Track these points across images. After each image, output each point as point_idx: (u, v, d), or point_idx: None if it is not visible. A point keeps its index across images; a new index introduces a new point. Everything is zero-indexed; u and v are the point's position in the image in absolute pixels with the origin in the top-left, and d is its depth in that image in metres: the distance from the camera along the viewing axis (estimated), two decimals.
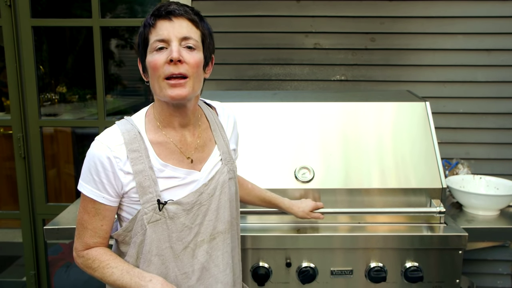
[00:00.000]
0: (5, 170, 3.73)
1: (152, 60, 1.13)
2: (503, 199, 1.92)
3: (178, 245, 1.20)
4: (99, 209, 1.17)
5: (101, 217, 1.18)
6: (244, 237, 1.61)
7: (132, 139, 1.16)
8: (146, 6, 4.07)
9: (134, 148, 1.16)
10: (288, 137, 1.86)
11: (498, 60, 2.51)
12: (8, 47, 2.66)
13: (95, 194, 1.16)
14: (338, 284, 1.66)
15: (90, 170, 1.15)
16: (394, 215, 1.75)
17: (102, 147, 1.15)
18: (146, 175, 1.15)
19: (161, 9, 1.13)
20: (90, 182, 1.16)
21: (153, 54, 1.13)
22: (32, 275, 2.89)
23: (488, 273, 2.67)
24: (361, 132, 1.88)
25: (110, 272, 1.16)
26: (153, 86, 1.16)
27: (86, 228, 1.19)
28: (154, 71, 1.13)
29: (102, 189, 1.15)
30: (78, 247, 1.21)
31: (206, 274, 1.25)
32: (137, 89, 4.82)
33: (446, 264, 1.65)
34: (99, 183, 1.15)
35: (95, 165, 1.14)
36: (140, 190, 1.15)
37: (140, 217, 1.17)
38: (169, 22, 1.12)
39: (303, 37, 2.55)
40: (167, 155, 1.20)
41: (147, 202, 1.16)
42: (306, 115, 1.91)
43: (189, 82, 1.14)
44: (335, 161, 1.81)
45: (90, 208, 1.18)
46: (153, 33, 1.13)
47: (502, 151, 2.58)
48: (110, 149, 1.14)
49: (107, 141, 1.15)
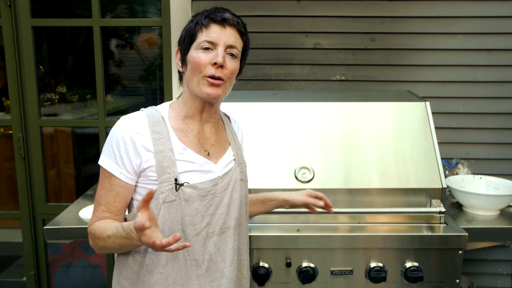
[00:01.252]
0: (5, 170, 3.73)
1: (197, 57, 1.21)
2: (503, 199, 1.92)
3: (191, 229, 1.24)
4: (114, 185, 1.22)
5: (115, 193, 1.23)
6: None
7: (156, 122, 1.24)
8: (146, 6, 4.07)
9: (157, 130, 1.22)
10: (288, 137, 1.86)
11: (498, 60, 2.51)
12: (8, 47, 2.67)
13: (114, 168, 1.21)
14: (338, 284, 1.66)
15: (112, 144, 1.21)
16: (394, 215, 1.75)
17: (125, 123, 1.22)
18: (166, 156, 1.21)
19: (218, 14, 1.22)
20: (111, 156, 1.21)
21: (199, 51, 1.21)
22: (32, 275, 2.89)
23: (488, 273, 2.67)
24: (361, 132, 1.88)
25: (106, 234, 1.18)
26: (190, 79, 1.24)
27: (100, 204, 1.24)
28: (197, 67, 1.21)
29: (121, 164, 1.20)
30: (90, 222, 1.26)
31: (213, 267, 1.29)
32: (137, 89, 4.82)
33: (446, 264, 1.65)
34: (119, 158, 1.20)
35: (117, 139, 1.20)
36: (159, 169, 1.20)
37: (156, 196, 1.20)
38: (222, 28, 1.21)
39: (303, 37, 2.55)
40: (186, 142, 1.27)
41: (165, 182, 1.20)
42: (306, 115, 1.91)
43: (224, 86, 1.23)
44: (335, 161, 1.81)
45: (106, 184, 1.23)
46: (204, 33, 1.21)
47: (502, 151, 2.58)
48: (133, 126, 1.21)
49: (131, 119, 1.23)
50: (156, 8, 3.51)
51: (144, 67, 4.62)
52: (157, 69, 4.25)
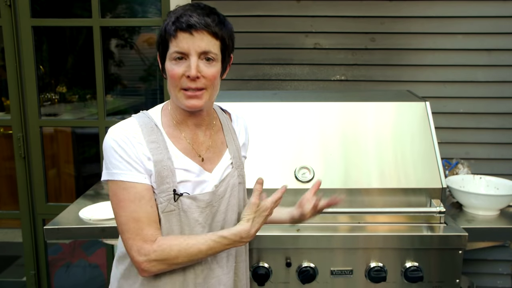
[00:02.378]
0: (5, 170, 3.73)
1: (171, 70, 1.14)
2: (503, 199, 1.92)
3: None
4: (141, 192, 1.14)
5: (148, 199, 1.14)
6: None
7: (150, 131, 1.18)
8: (146, 6, 4.07)
9: (152, 140, 1.17)
10: (288, 137, 1.86)
11: (498, 60, 2.51)
12: (8, 47, 2.66)
13: (135, 176, 1.13)
14: (338, 284, 1.66)
15: (113, 155, 1.13)
16: (394, 215, 1.75)
17: (117, 130, 1.15)
18: (165, 165, 1.16)
19: (182, 20, 1.10)
20: (116, 167, 1.13)
21: (172, 63, 1.14)
22: (32, 275, 2.89)
23: (488, 273, 2.67)
24: (361, 132, 1.87)
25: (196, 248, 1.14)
26: (170, 90, 1.18)
27: (139, 220, 1.13)
28: (171, 80, 1.15)
29: (133, 169, 1.13)
30: (144, 246, 1.13)
31: (210, 274, 1.27)
32: (137, 89, 4.82)
33: (446, 264, 1.65)
34: (126, 163, 1.13)
35: (115, 148, 1.13)
36: (158, 179, 1.16)
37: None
38: (190, 35, 1.11)
39: (303, 37, 2.55)
40: (181, 149, 1.22)
41: (163, 192, 1.16)
42: (306, 115, 1.91)
43: (206, 94, 1.16)
44: (335, 161, 1.81)
45: (133, 195, 1.13)
46: (173, 43, 1.12)
47: (502, 151, 2.58)
48: (130, 134, 1.15)
49: (125, 127, 1.16)
50: (156, 8, 3.50)
51: (144, 67, 4.61)
52: (157, 69, 4.24)
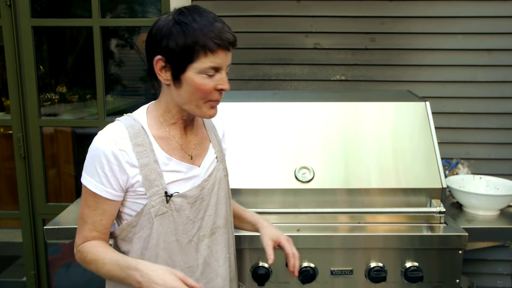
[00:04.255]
0: (5, 170, 3.74)
1: (203, 84, 1.13)
2: (503, 199, 1.92)
3: (184, 238, 1.23)
4: (99, 203, 1.17)
5: (101, 211, 1.18)
6: (244, 237, 1.61)
7: (136, 134, 1.17)
8: (146, 6, 4.07)
9: (139, 142, 1.17)
10: (288, 137, 1.86)
11: (498, 60, 2.51)
12: (8, 47, 2.66)
13: (98, 188, 1.16)
14: (338, 284, 1.66)
15: (94, 164, 1.15)
16: (394, 215, 1.75)
17: (106, 140, 1.15)
18: (152, 169, 1.17)
19: (224, 38, 1.11)
20: (94, 176, 1.15)
21: (202, 76, 1.13)
22: (32, 275, 2.89)
23: (488, 273, 2.67)
24: (361, 132, 1.87)
25: (101, 264, 1.15)
26: (187, 101, 1.16)
27: (86, 222, 1.19)
28: (201, 93, 1.15)
29: (106, 183, 1.15)
30: (78, 242, 1.21)
31: (207, 268, 1.29)
32: (137, 89, 4.82)
33: (446, 264, 1.65)
34: (103, 177, 1.15)
35: (100, 158, 1.14)
36: (146, 183, 1.17)
37: (147, 211, 1.18)
38: (227, 52, 1.13)
39: (303, 37, 2.55)
40: (169, 150, 1.22)
41: (154, 195, 1.17)
42: (306, 115, 1.91)
43: None
44: (335, 161, 1.81)
45: (91, 202, 1.17)
46: (210, 58, 1.11)
47: (502, 151, 2.58)
48: (116, 142, 1.14)
49: (112, 134, 1.16)
50: (156, 8, 3.51)
51: (144, 67, 4.61)
52: None
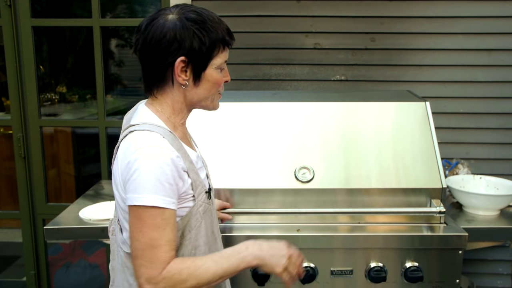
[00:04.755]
0: (5, 170, 3.74)
1: (218, 78, 1.23)
2: (503, 199, 1.92)
3: (216, 229, 1.32)
4: (169, 219, 1.10)
5: (172, 226, 1.10)
6: (243, 237, 1.61)
7: (172, 139, 1.15)
8: (146, 6, 4.07)
9: (177, 147, 1.15)
10: (288, 137, 1.86)
11: (498, 60, 2.51)
12: (8, 47, 2.66)
13: (167, 202, 1.09)
14: (338, 284, 1.66)
15: (158, 178, 1.07)
16: (394, 215, 1.75)
17: (161, 150, 1.10)
18: (193, 170, 1.20)
19: (232, 34, 1.24)
20: (159, 191, 1.07)
21: (217, 71, 1.22)
22: (32, 275, 2.89)
23: (488, 273, 2.67)
24: (361, 132, 1.87)
25: (204, 269, 1.10)
26: (205, 96, 1.23)
27: (159, 247, 1.07)
28: (216, 86, 1.24)
29: (172, 194, 1.10)
30: (154, 274, 1.07)
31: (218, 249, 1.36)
32: (137, 89, 4.82)
33: (446, 264, 1.65)
34: (169, 188, 1.09)
35: (162, 169, 1.08)
36: (194, 184, 1.19)
37: (196, 211, 1.19)
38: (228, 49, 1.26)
39: (303, 37, 2.55)
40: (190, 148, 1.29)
41: (200, 195, 1.21)
42: (306, 115, 1.91)
43: None
44: (335, 161, 1.81)
45: (160, 221, 1.08)
46: (224, 53, 1.23)
47: (502, 151, 2.58)
48: (171, 150, 1.11)
49: (161, 144, 1.11)
50: (156, 8, 3.51)
51: None
52: None
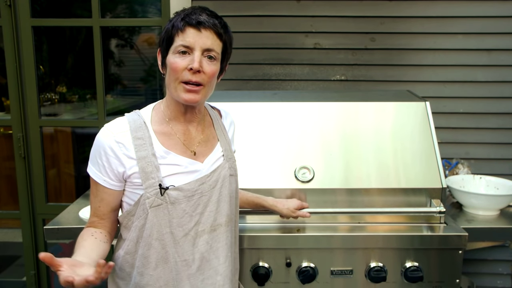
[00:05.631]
0: (5, 170, 3.73)
1: (174, 62, 1.19)
2: (503, 199, 1.92)
3: (179, 231, 1.25)
4: (99, 191, 1.26)
5: (100, 199, 1.27)
6: (243, 237, 1.61)
7: (137, 128, 1.24)
8: (146, 6, 4.07)
9: (139, 136, 1.23)
10: (288, 137, 1.86)
11: (498, 60, 2.51)
12: (8, 47, 2.66)
13: (98, 176, 1.25)
14: (338, 284, 1.66)
15: (95, 154, 1.25)
16: (394, 215, 1.75)
17: (106, 133, 1.23)
18: (149, 161, 1.21)
19: (192, 17, 1.18)
20: (95, 165, 1.25)
21: (175, 56, 1.20)
22: (32, 275, 2.89)
23: (488, 273, 2.67)
24: (361, 132, 1.87)
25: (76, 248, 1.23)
26: (168, 83, 1.24)
27: (91, 208, 1.30)
28: (173, 72, 1.20)
29: (104, 172, 1.24)
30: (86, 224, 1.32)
31: (206, 265, 1.30)
32: (137, 89, 4.82)
33: (446, 264, 1.65)
34: (101, 166, 1.23)
35: (99, 149, 1.23)
36: (143, 175, 1.21)
37: (143, 201, 1.22)
38: (197, 31, 1.18)
39: (303, 37, 2.55)
40: (170, 145, 1.26)
41: (150, 187, 1.21)
42: (306, 115, 1.91)
43: (203, 90, 1.22)
44: (335, 161, 1.81)
45: (94, 189, 1.28)
46: (180, 37, 1.19)
47: (502, 151, 2.58)
48: (114, 135, 1.22)
49: (113, 128, 1.24)
50: (156, 8, 3.51)
51: (144, 67, 4.62)
52: (157, 69, 4.25)
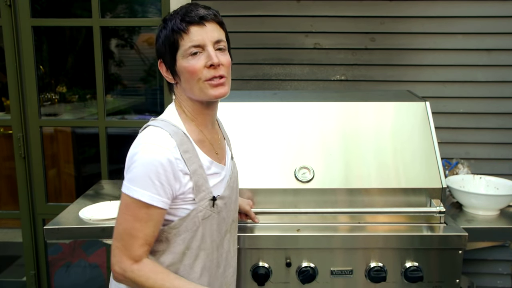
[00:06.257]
0: (5, 170, 3.73)
1: (190, 66, 1.15)
2: (503, 199, 1.92)
3: (218, 237, 1.29)
4: (153, 215, 1.13)
5: (154, 223, 1.14)
6: (244, 237, 1.61)
7: (182, 140, 1.17)
8: (146, 6, 4.07)
9: (186, 149, 1.16)
10: (288, 137, 1.86)
11: (498, 60, 2.51)
12: (8, 47, 2.66)
13: (155, 199, 1.12)
14: (338, 284, 1.66)
15: (148, 175, 1.11)
16: (394, 215, 1.75)
17: (160, 150, 1.12)
18: (199, 174, 1.19)
19: (192, 14, 1.15)
20: (149, 188, 1.11)
21: (189, 59, 1.15)
22: (32, 275, 2.89)
23: (488, 273, 2.67)
24: (361, 132, 1.87)
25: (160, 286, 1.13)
26: (190, 88, 1.19)
27: (136, 237, 1.13)
28: (193, 75, 1.16)
29: (162, 193, 1.12)
30: (126, 261, 1.15)
31: (226, 262, 1.36)
32: (137, 89, 4.82)
33: (446, 264, 1.65)
34: (160, 187, 1.12)
35: (155, 168, 1.11)
36: (196, 189, 1.18)
37: (194, 215, 1.20)
38: (202, 27, 1.15)
39: (303, 37, 2.55)
40: (208, 153, 1.25)
41: (202, 200, 1.20)
42: (306, 115, 1.91)
43: (227, 81, 1.20)
44: (335, 161, 1.81)
45: (143, 215, 1.12)
46: (186, 39, 1.15)
47: (502, 151, 2.58)
48: (170, 151, 1.13)
49: (163, 143, 1.13)
50: (156, 8, 3.51)
51: (144, 67, 4.62)
52: (157, 69, 4.25)
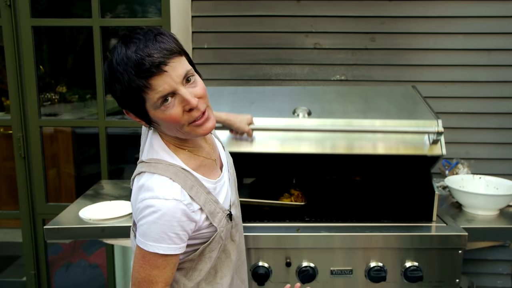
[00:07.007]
0: (5, 170, 3.73)
1: (167, 117, 1.05)
2: (502, 199, 1.92)
3: (238, 241, 1.31)
4: (171, 260, 1.11)
5: (172, 266, 1.13)
6: (244, 237, 1.61)
7: (184, 179, 1.12)
8: (146, 6, 4.07)
9: (190, 186, 1.12)
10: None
11: (498, 60, 2.51)
12: (8, 47, 2.66)
13: (171, 249, 1.10)
14: (338, 284, 1.66)
15: (164, 230, 1.07)
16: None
17: (169, 203, 1.07)
18: (209, 201, 1.16)
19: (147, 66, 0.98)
20: (165, 241, 1.08)
21: (162, 109, 1.04)
22: (32, 275, 2.89)
23: (488, 273, 2.67)
24: None
25: None
26: (174, 133, 1.12)
27: (155, 283, 1.11)
28: (174, 124, 1.07)
29: (179, 241, 1.10)
30: None
31: (241, 259, 1.39)
32: None
33: (446, 264, 1.65)
34: (176, 238, 1.09)
35: (169, 223, 1.07)
36: (211, 216, 1.16)
37: (218, 239, 1.20)
38: (164, 74, 1.00)
39: (303, 37, 2.55)
40: (207, 172, 1.21)
41: (219, 222, 1.19)
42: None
43: (209, 111, 1.11)
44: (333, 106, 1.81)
45: (160, 263, 1.10)
46: (151, 93, 1.01)
47: (502, 151, 2.58)
48: (179, 200, 1.08)
49: (169, 194, 1.08)
50: (156, 8, 3.51)
51: None
52: None
